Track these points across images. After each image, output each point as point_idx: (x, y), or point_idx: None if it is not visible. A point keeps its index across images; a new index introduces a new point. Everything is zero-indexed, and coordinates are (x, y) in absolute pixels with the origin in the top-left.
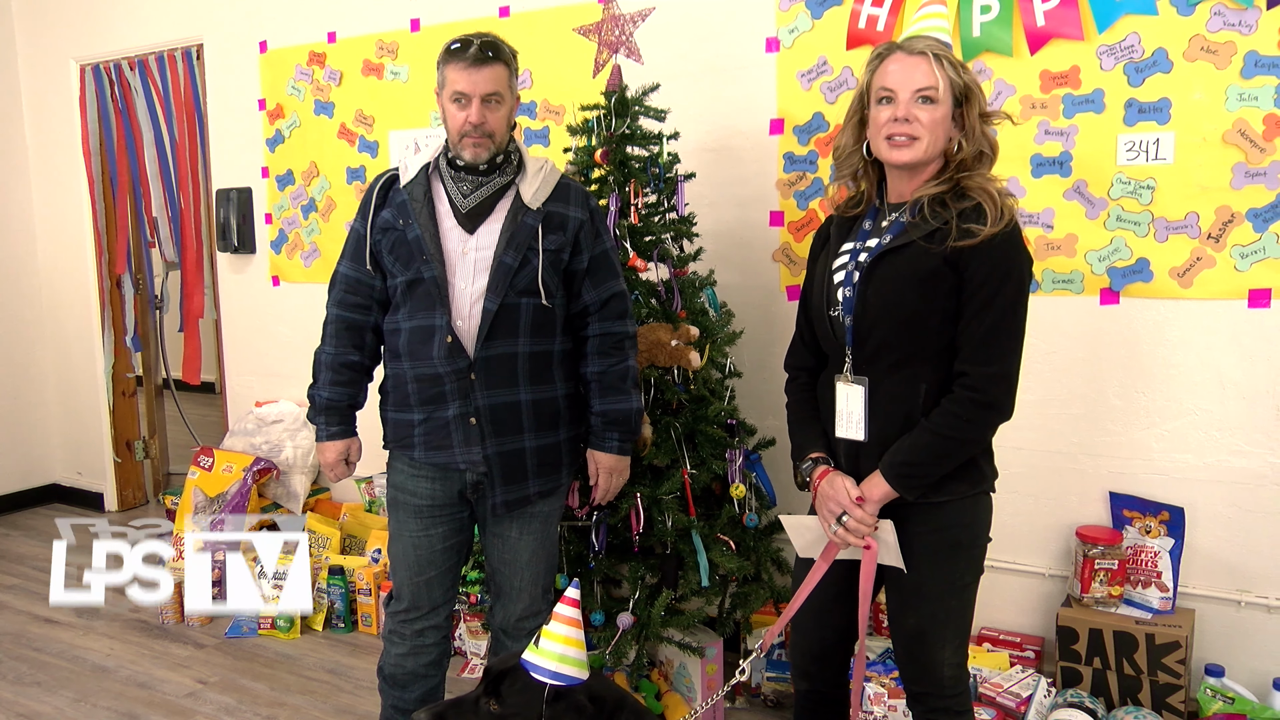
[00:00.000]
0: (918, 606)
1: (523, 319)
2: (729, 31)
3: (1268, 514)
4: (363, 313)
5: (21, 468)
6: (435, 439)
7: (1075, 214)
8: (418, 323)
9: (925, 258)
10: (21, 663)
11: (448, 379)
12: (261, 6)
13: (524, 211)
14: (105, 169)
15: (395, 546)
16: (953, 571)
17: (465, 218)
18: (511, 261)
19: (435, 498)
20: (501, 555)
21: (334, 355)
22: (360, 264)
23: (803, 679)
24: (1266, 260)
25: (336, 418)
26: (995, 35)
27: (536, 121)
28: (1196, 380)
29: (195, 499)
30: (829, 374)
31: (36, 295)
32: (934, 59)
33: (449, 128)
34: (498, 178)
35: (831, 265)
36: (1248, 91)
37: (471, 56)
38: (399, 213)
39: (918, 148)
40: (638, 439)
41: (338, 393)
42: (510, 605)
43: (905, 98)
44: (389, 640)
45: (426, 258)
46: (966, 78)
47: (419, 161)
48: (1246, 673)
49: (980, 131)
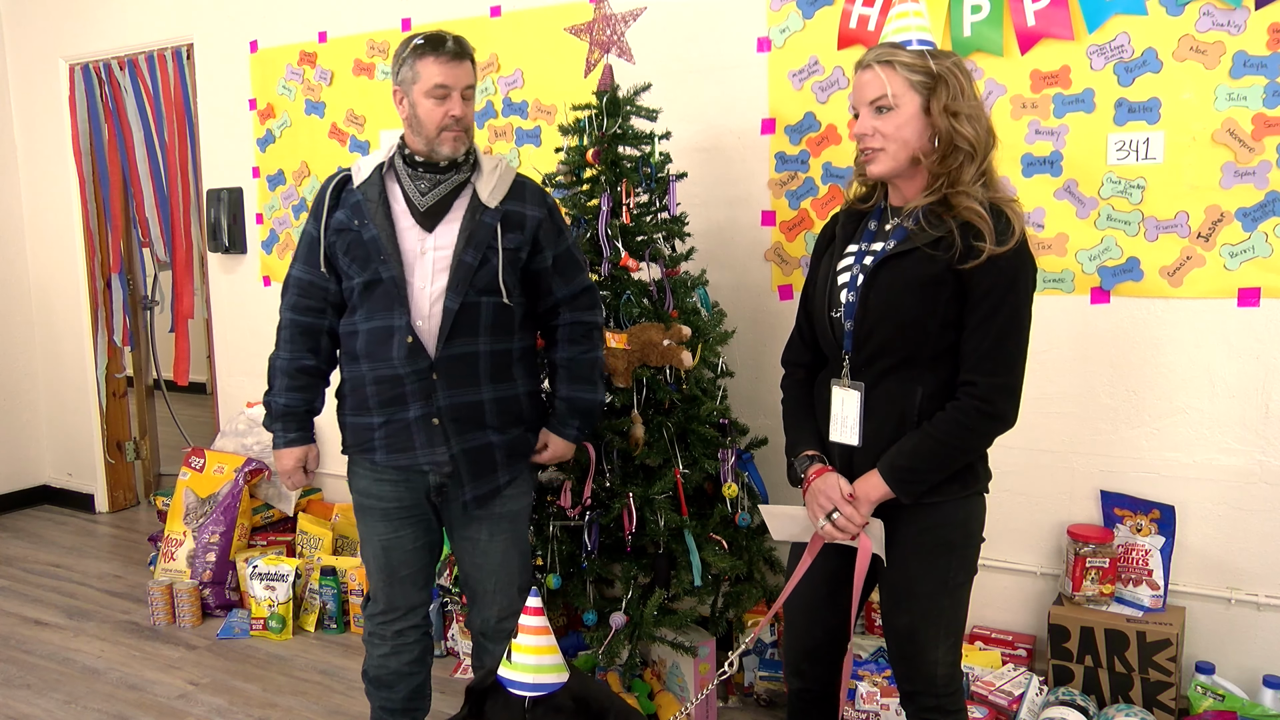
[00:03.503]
0: (910, 605)
1: (483, 318)
2: (720, 31)
3: (1258, 512)
4: (317, 316)
5: (11, 469)
6: (397, 441)
7: (1066, 213)
8: (376, 324)
9: (929, 264)
10: (11, 665)
11: (408, 380)
12: (252, 6)
13: (482, 210)
14: (95, 169)
15: (366, 550)
16: (945, 571)
17: (423, 216)
18: (471, 260)
19: (401, 500)
20: (473, 560)
21: (289, 360)
22: (314, 266)
23: (796, 677)
24: (1255, 259)
25: (294, 424)
26: (985, 35)
27: (528, 121)
28: (1186, 379)
29: (186, 500)
30: (826, 374)
31: (26, 296)
32: (880, 68)
33: (424, 123)
34: (455, 175)
35: (836, 266)
36: (1237, 91)
37: (451, 51)
38: (354, 213)
39: (884, 159)
40: (594, 430)
41: (294, 398)
42: (486, 609)
43: (863, 112)
44: (369, 643)
45: (384, 258)
46: (933, 65)
47: (372, 162)
48: (1236, 670)
49: (951, 129)
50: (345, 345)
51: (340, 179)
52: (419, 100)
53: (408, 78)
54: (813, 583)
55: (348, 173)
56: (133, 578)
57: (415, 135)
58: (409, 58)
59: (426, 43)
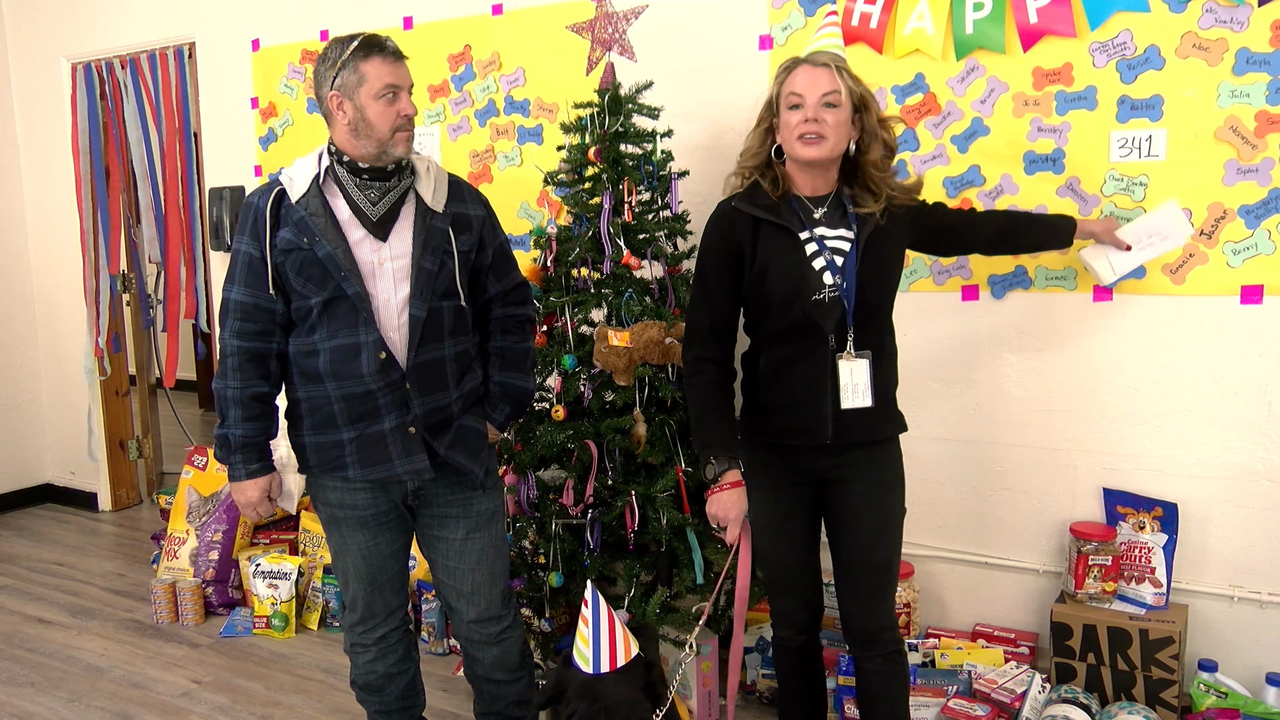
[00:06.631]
0: (886, 538)
1: (446, 322)
2: (722, 29)
3: (1260, 509)
4: (264, 340)
5: (14, 468)
6: (371, 454)
7: (1068, 211)
8: (340, 341)
9: (897, 232)
10: (15, 663)
11: (381, 394)
12: (254, 5)
13: (430, 214)
14: (92, 168)
15: (342, 561)
16: (902, 503)
17: (375, 226)
18: (431, 266)
19: (377, 505)
20: (446, 562)
21: (240, 389)
22: (259, 289)
23: (801, 632)
24: (1258, 257)
25: (255, 454)
26: (988, 33)
27: (530, 119)
28: (1189, 377)
29: (189, 498)
30: (790, 352)
31: (29, 294)
32: (835, 70)
33: (376, 125)
34: (400, 181)
35: (805, 254)
36: (1239, 88)
37: (394, 51)
38: (299, 230)
39: (825, 145)
40: (519, 420)
41: (251, 428)
42: (466, 610)
43: (813, 101)
44: (353, 653)
45: (344, 274)
46: (861, 89)
47: (304, 174)
48: (1239, 668)
49: (878, 133)
50: (302, 366)
51: (276, 194)
52: (367, 103)
53: (350, 82)
54: (794, 541)
55: (279, 187)
56: (136, 576)
57: (362, 140)
58: (349, 60)
59: (364, 44)
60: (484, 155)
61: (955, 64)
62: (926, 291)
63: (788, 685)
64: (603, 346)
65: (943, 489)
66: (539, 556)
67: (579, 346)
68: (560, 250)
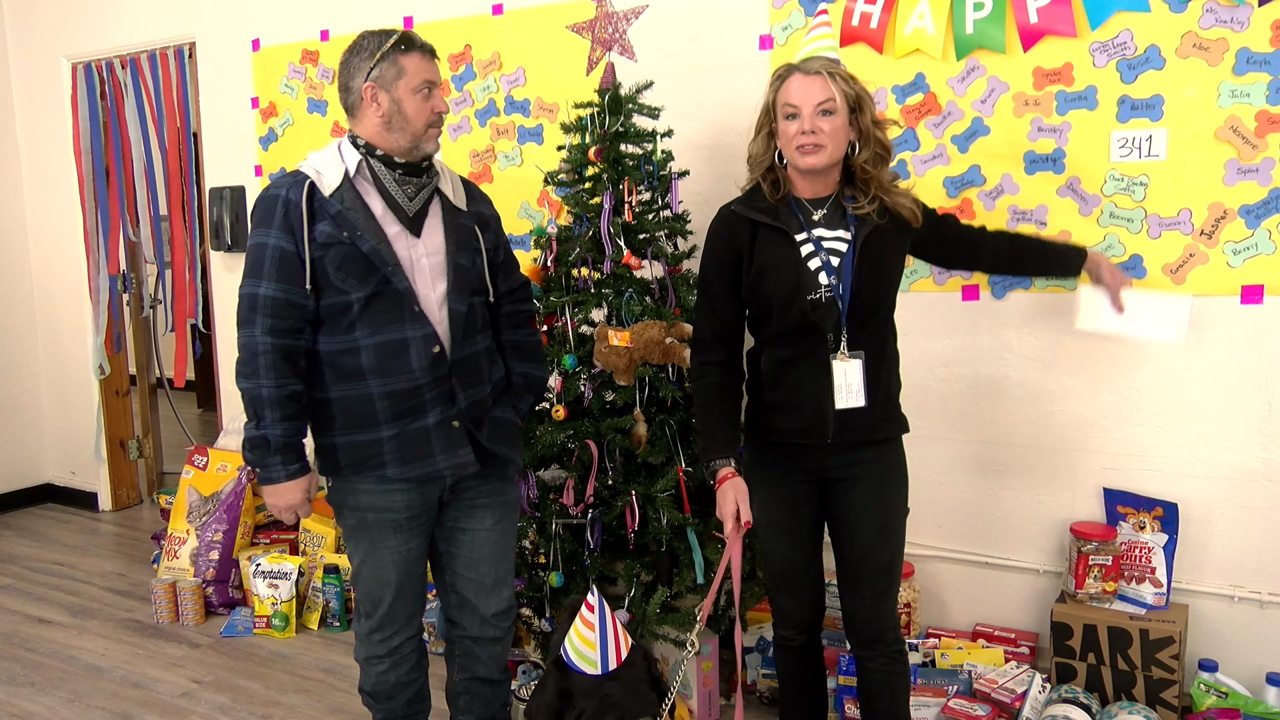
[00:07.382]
0: (890, 538)
1: (478, 317)
2: (722, 29)
3: (1261, 509)
4: (296, 337)
5: (14, 468)
6: (412, 451)
7: (1068, 211)
8: (385, 338)
9: (896, 235)
10: (15, 663)
11: (428, 389)
12: (254, 5)
13: (457, 212)
14: (93, 168)
15: (369, 568)
16: (906, 503)
17: (411, 221)
18: (465, 262)
19: (413, 507)
20: (470, 554)
21: (276, 388)
22: (294, 284)
23: (803, 632)
24: (1259, 256)
25: (294, 454)
26: (988, 32)
27: (530, 119)
28: (1189, 377)
29: (190, 498)
30: (788, 353)
31: (29, 294)
32: (828, 76)
33: (412, 119)
34: (429, 178)
35: (801, 255)
36: (1240, 88)
37: (431, 49)
38: (339, 224)
39: (823, 154)
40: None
41: (289, 428)
42: (485, 604)
43: (808, 112)
44: (367, 663)
45: (391, 269)
46: (857, 88)
47: (333, 167)
48: (1240, 668)
49: (873, 135)
50: (338, 364)
51: (308, 186)
52: (405, 97)
53: (389, 75)
54: (797, 540)
55: (307, 180)
56: (136, 576)
57: (395, 133)
58: (389, 53)
59: (403, 38)
60: (484, 155)
61: (955, 64)
62: (926, 291)
63: (788, 685)
64: (603, 346)
65: (943, 489)
66: (539, 556)
67: (579, 346)
68: (560, 250)
